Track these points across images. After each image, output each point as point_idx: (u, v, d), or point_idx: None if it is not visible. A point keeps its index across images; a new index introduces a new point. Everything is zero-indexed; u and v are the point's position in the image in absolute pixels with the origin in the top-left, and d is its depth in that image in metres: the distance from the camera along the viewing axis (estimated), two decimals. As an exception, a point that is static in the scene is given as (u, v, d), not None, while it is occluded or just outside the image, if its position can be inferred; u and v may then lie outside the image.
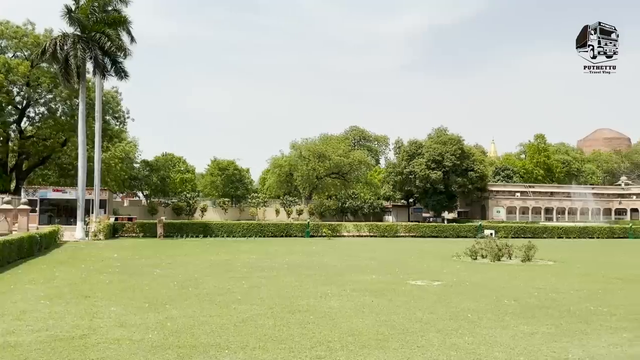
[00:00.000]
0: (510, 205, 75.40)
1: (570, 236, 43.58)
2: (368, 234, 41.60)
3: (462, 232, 42.45)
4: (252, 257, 21.22)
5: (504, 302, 10.86)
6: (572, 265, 19.43)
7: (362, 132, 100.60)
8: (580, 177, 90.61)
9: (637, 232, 45.72)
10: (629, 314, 9.77)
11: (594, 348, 7.18)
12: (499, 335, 7.90)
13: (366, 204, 71.70)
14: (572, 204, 76.85)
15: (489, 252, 20.65)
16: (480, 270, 17.37)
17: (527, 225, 47.41)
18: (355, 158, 72.01)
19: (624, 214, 78.40)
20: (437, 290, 12.58)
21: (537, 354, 6.85)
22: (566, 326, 8.60)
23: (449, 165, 65.71)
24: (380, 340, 7.49)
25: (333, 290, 12.26)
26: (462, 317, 9.21)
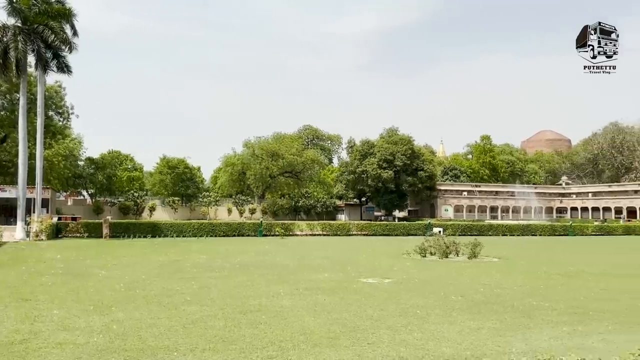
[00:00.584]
0: (458, 204, 77.62)
1: (514, 234, 45.27)
2: (321, 232, 41.76)
3: (412, 230, 43.31)
4: (203, 257, 20.86)
5: (451, 298, 11.14)
6: (515, 262, 20.17)
7: (315, 131, 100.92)
8: (523, 176, 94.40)
9: (577, 229, 48.06)
10: (569, 308, 10.23)
11: (536, 341, 7.47)
12: (447, 330, 8.09)
13: (319, 203, 72.04)
14: (516, 203, 79.92)
15: (437, 250, 21.16)
16: (429, 267, 17.77)
17: (473, 223, 48.94)
18: (308, 157, 72.20)
19: (564, 213, 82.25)
20: (388, 287, 12.76)
21: (482, 348, 7.06)
22: (510, 321, 8.91)
23: (399, 164, 66.95)
24: (331, 338, 7.52)
25: (285, 289, 12.21)
26: (411, 314, 9.38)
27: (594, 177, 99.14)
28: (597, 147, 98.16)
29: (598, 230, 49.10)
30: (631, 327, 8.54)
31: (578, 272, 16.93)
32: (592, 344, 7.35)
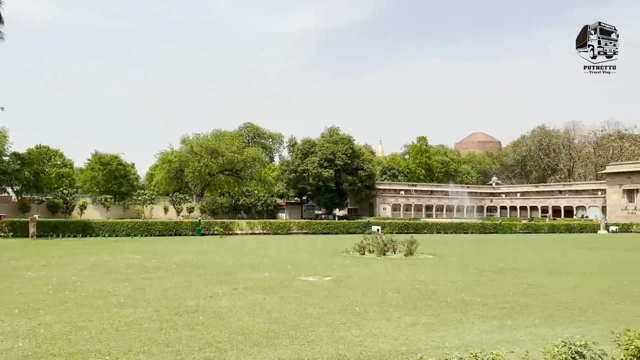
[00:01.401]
0: (395, 203, 79.48)
1: (447, 232, 46.91)
2: (261, 231, 41.49)
3: (351, 228, 43.90)
4: (137, 257, 20.17)
5: (388, 295, 11.40)
6: (449, 259, 20.91)
7: (256, 129, 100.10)
8: (457, 177, 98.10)
9: (506, 228, 50.48)
10: (498, 303, 10.73)
11: (468, 336, 7.78)
12: (384, 327, 8.27)
13: (260, 202, 71.54)
14: (450, 202, 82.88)
15: (375, 248, 21.58)
16: (368, 264, 18.09)
17: (410, 222, 50.26)
18: (249, 155, 71.47)
19: (494, 211, 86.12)
20: (327, 285, 12.87)
21: (418, 343, 7.27)
22: (444, 316, 9.23)
23: (340, 164, 67.70)
24: (270, 337, 7.50)
25: (224, 289, 12.04)
26: (350, 311, 9.51)
27: (522, 177, 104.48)
28: (526, 149, 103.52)
29: (525, 229, 51.78)
30: (555, 320, 9.07)
31: (507, 268, 17.77)
32: (520, 337, 7.75)
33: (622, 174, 64.61)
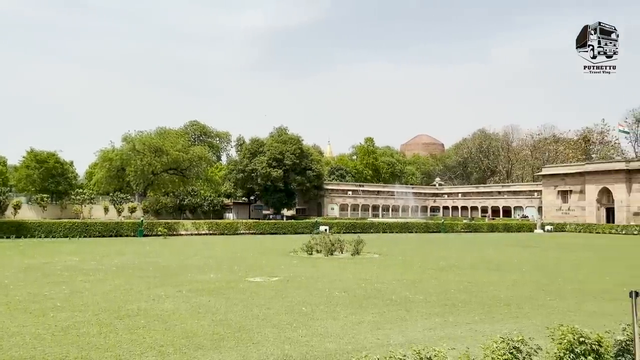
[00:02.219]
0: (343, 203, 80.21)
1: (393, 231, 47.81)
2: (207, 232, 40.77)
3: (299, 228, 43.91)
4: (75, 259, 19.34)
5: (335, 294, 11.48)
6: (394, 258, 21.32)
7: (202, 127, 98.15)
8: (402, 177, 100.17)
9: (448, 227, 52.03)
10: (440, 300, 11.04)
11: (412, 333, 7.95)
12: (330, 326, 8.32)
13: (206, 202, 70.27)
14: (395, 202, 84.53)
15: (323, 247, 21.70)
16: (315, 264, 18.15)
17: (357, 222, 50.86)
18: (195, 154, 70.03)
19: (437, 211, 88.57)
20: (275, 285, 12.81)
21: (363, 341, 7.36)
22: (389, 314, 9.39)
23: (289, 164, 67.57)
24: (215, 340, 7.37)
25: (167, 291, 11.74)
26: (297, 311, 9.50)
27: (464, 178, 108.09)
28: (467, 152, 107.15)
29: (466, 228, 53.58)
30: (494, 316, 9.43)
31: (449, 266, 18.32)
32: (460, 333, 7.99)
33: (557, 175, 68.05)
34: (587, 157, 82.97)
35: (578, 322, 7.01)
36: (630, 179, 59.03)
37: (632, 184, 58.95)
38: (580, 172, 64.05)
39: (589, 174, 62.57)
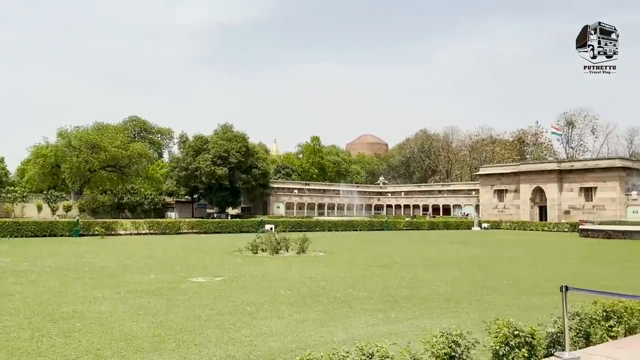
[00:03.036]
0: (289, 201, 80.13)
1: (338, 229, 48.27)
2: (148, 231, 39.56)
3: (244, 227, 43.44)
4: (6, 260, 18.26)
5: (280, 293, 11.44)
6: (339, 255, 21.53)
7: (143, 123, 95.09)
8: (348, 176, 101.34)
9: (391, 225, 53.10)
10: (383, 296, 11.24)
11: (355, 329, 8.04)
12: (275, 325, 8.28)
13: (147, 200, 68.24)
14: (341, 201, 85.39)
15: (268, 246, 21.59)
16: (260, 263, 18.03)
17: (302, 220, 50.92)
18: (135, 150, 67.78)
19: (381, 210, 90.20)
20: (218, 285, 12.61)
21: (307, 339, 7.37)
22: (333, 311, 9.46)
23: (234, 162, 66.68)
24: (155, 342, 7.17)
25: (105, 293, 11.30)
26: (241, 311, 9.39)
27: (407, 177, 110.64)
28: (410, 151, 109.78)
29: (408, 225, 54.87)
30: (434, 312, 9.70)
31: (391, 263, 18.70)
32: (402, 329, 8.17)
33: (493, 175, 70.90)
34: (521, 158, 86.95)
35: (513, 315, 7.33)
36: (561, 179, 62.41)
37: (563, 184, 62.35)
38: (515, 172, 67.02)
39: (523, 173, 65.60)
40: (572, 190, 61.48)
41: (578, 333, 5.82)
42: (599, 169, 59.28)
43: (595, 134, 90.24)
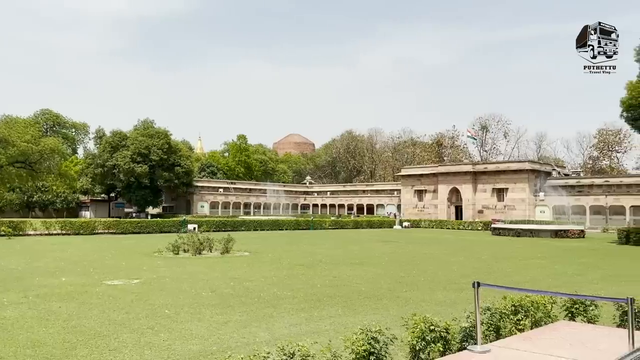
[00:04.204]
0: (214, 200, 78.65)
1: (264, 228, 48.03)
2: (60, 231, 37.26)
3: (165, 227, 42.09)
4: None
5: (202, 295, 11.19)
6: (264, 255, 21.41)
7: (56, 117, 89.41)
8: (274, 175, 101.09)
9: (317, 224, 53.62)
10: (307, 295, 11.30)
11: (278, 329, 8.02)
12: (195, 327, 8.07)
13: (59, 198, 64.33)
14: (267, 200, 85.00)
15: (190, 247, 21.04)
16: (182, 264, 17.54)
17: (227, 219, 50.17)
18: (47, 146, 63.35)
19: (307, 209, 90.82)
20: (135, 288, 12.11)
21: (229, 341, 7.25)
22: (256, 312, 9.38)
23: (155, 159, 64.40)
24: (67, 348, 6.76)
25: (11, 297, 10.52)
26: (159, 314, 9.08)
27: (332, 177, 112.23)
28: (336, 152, 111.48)
29: (334, 225, 55.66)
30: (356, 309, 9.89)
31: (316, 262, 18.86)
32: (324, 327, 8.25)
33: (414, 176, 73.61)
34: (440, 160, 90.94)
35: (430, 311, 7.63)
36: (475, 180, 65.94)
37: (477, 185, 65.90)
38: (433, 173, 69.97)
39: (441, 175, 68.65)
40: (485, 191, 65.14)
41: (489, 327, 6.15)
42: (510, 171, 63.27)
43: (507, 138, 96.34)
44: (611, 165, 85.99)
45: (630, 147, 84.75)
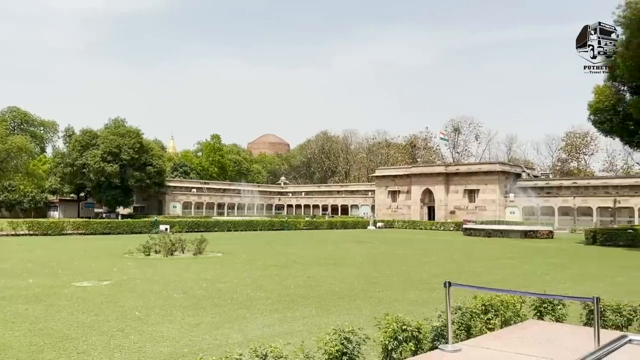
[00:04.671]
0: (187, 201, 77.73)
1: (238, 229, 47.68)
2: (27, 232, 36.27)
3: (137, 227, 41.41)
4: None
5: (173, 296, 11.04)
6: (237, 256, 21.26)
7: (24, 114, 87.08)
8: (249, 175, 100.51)
9: (291, 224, 53.53)
10: (281, 296, 11.26)
11: (251, 331, 7.97)
12: (166, 330, 7.96)
13: (26, 198, 62.61)
14: (241, 200, 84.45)
15: (162, 247, 20.75)
16: (153, 265, 17.27)
17: (200, 220, 49.65)
18: (14, 144, 61.74)
19: (282, 209, 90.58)
20: (105, 290, 11.87)
21: (200, 343, 7.17)
22: (229, 313, 9.30)
23: (126, 158, 63.27)
24: (33, 352, 6.59)
25: (-27, 301, 10.18)
26: (130, 316, 8.92)
27: (307, 178, 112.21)
28: (310, 152, 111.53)
29: (308, 225, 55.65)
30: (330, 309, 9.90)
31: (290, 262, 18.83)
32: (298, 328, 8.24)
33: (388, 177, 74.15)
34: (413, 161, 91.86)
35: (402, 311, 7.70)
36: (448, 182, 66.83)
37: (450, 186, 66.81)
38: (407, 174, 70.63)
39: (415, 176, 69.34)
40: (457, 192, 66.08)
41: (460, 326, 6.23)
42: (482, 173, 64.34)
43: (478, 140, 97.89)
44: (579, 167, 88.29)
45: (597, 150, 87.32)
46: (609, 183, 59.70)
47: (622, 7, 29.92)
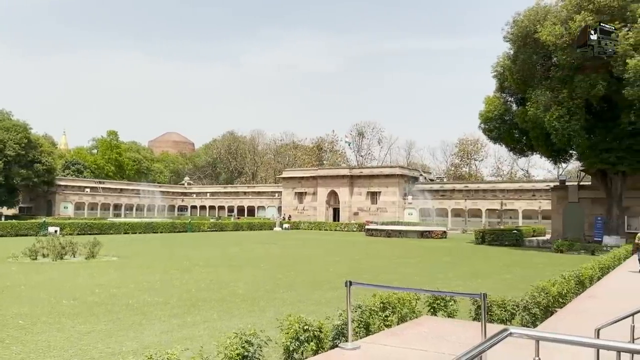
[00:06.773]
0: (79, 201, 72.84)
1: (136, 231, 45.47)
2: None
3: (22, 229, 38.03)
4: None
5: (62, 303, 10.27)
6: (135, 260, 20.26)
7: None
8: (149, 175, 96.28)
9: (195, 226, 52.05)
10: (180, 301, 10.89)
11: (148, 338, 7.61)
12: (54, 339, 7.38)
13: None
14: (141, 201, 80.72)
15: (51, 251, 19.28)
16: (40, 270, 15.96)
17: (94, 222, 46.71)
18: None
19: (185, 211, 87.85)
20: (-18, 298, 10.76)
21: (92, 352, 6.73)
22: (124, 320, 8.82)
23: (12, 155, 57.98)
24: None
25: None
26: (12, 325, 8.17)
27: (213, 178, 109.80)
28: (217, 152, 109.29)
29: (213, 227, 54.42)
30: (232, 312, 9.73)
31: (192, 265, 18.28)
32: (198, 333, 8.00)
33: (295, 178, 74.71)
34: (320, 163, 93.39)
35: (306, 311, 7.77)
36: (352, 184, 68.72)
37: (354, 188, 68.75)
38: (313, 176, 71.65)
39: (321, 178, 70.54)
40: (361, 194, 68.18)
41: (359, 324, 6.41)
42: (383, 176, 66.92)
43: (380, 145, 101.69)
44: (470, 172, 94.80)
45: (486, 156, 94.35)
46: (496, 187, 64.72)
47: (509, 24, 32.75)
